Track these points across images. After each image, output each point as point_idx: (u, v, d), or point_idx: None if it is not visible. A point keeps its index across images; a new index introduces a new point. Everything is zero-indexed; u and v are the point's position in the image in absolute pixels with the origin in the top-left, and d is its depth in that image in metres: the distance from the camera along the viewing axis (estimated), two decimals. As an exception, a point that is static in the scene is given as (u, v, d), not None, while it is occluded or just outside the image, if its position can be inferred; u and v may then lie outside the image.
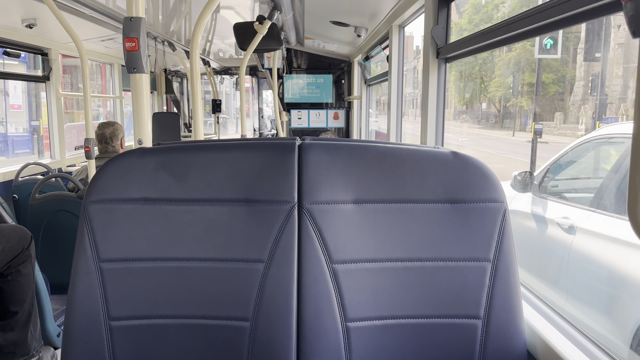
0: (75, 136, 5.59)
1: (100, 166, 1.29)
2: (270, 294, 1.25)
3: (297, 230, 1.26)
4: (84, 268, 1.24)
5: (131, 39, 1.49)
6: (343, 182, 1.27)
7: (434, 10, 2.36)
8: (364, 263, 1.26)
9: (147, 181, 1.26)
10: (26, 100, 10.24)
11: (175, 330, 1.27)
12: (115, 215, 1.25)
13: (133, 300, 1.25)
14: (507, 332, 1.27)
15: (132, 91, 1.54)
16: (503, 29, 1.69)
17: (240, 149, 1.31)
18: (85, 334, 1.25)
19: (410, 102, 16.08)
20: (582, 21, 1.28)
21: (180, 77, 9.08)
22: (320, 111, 6.46)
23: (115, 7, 3.61)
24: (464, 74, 14.30)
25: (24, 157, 9.24)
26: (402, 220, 1.27)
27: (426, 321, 1.27)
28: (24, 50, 4.46)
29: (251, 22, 3.47)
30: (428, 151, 1.30)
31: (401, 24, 3.50)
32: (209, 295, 1.26)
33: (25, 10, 3.72)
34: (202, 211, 1.26)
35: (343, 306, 1.25)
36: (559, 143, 7.19)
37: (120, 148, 3.83)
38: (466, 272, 1.27)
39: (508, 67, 11.55)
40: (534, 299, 1.55)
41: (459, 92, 14.98)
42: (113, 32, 4.51)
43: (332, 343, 1.25)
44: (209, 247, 1.26)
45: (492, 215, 1.27)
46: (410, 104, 16.34)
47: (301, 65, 6.54)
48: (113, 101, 6.64)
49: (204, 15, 2.20)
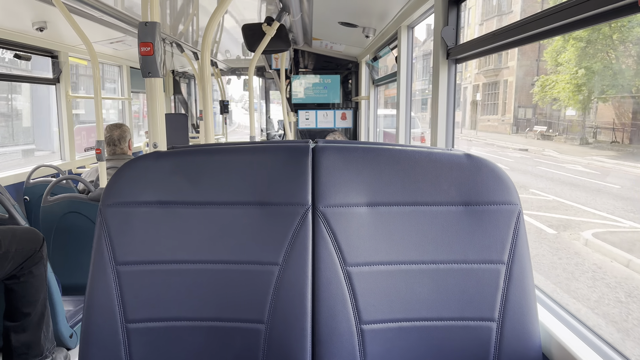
0: (85, 138, 5.61)
1: (116, 170, 1.30)
2: (285, 297, 1.25)
3: (311, 233, 1.26)
4: (101, 271, 1.25)
5: (146, 44, 1.50)
6: (357, 185, 1.27)
7: (444, 10, 2.35)
8: (378, 265, 1.26)
9: (162, 184, 1.27)
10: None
11: (190, 333, 1.27)
12: (131, 219, 1.26)
13: (149, 303, 1.26)
14: (522, 335, 1.27)
15: (147, 95, 1.55)
16: (514, 30, 1.69)
17: (254, 152, 1.31)
18: (102, 336, 1.26)
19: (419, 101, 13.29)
20: (595, 23, 1.27)
21: (188, 78, 9.10)
22: (327, 111, 6.46)
23: (125, 10, 3.63)
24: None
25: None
26: (416, 223, 1.27)
27: (441, 324, 1.27)
28: (34, 53, 4.49)
29: (259, 24, 3.48)
30: (442, 153, 1.30)
31: (410, 25, 3.50)
32: (224, 297, 1.27)
33: (36, 13, 3.74)
34: (217, 214, 1.27)
35: (357, 309, 1.25)
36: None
37: (128, 150, 3.86)
38: (480, 274, 1.27)
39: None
40: (548, 301, 1.55)
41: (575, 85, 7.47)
42: (122, 34, 4.53)
43: (347, 345, 1.25)
44: (224, 250, 1.26)
45: (507, 218, 1.27)
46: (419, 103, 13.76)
47: (308, 65, 6.54)
48: (121, 103, 6.67)
49: (214, 18, 2.20)
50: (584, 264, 5.53)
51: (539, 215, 6.88)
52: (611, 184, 7.30)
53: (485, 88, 18.78)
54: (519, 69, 15.66)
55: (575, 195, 7.22)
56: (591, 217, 6.57)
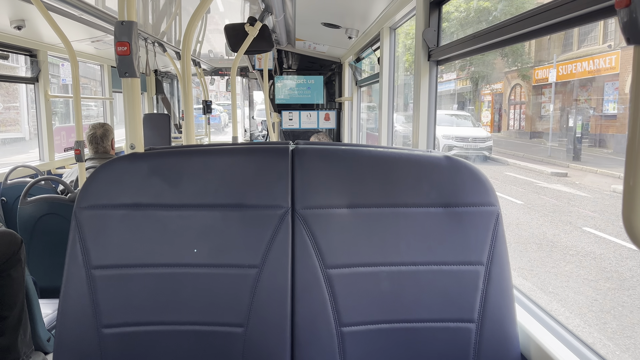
0: (64, 138, 5.53)
1: (92, 172, 1.28)
2: (264, 299, 1.24)
3: (290, 235, 1.25)
4: (75, 275, 1.23)
5: (123, 43, 1.48)
6: (337, 187, 1.26)
7: (425, 12, 2.36)
8: (358, 268, 1.26)
9: (139, 187, 1.25)
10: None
11: (168, 337, 1.26)
12: (107, 222, 1.24)
13: (125, 307, 1.24)
14: (501, 336, 1.27)
15: (124, 95, 1.53)
16: (494, 32, 1.70)
17: (233, 153, 1.30)
18: (77, 341, 1.24)
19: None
20: (575, 25, 1.28)
21: (171, 78, 9.04)
22: (311, 112, 6.45)
23: (105, 9, 3.58)
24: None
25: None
26: (396, 225, 1.27)
27: (420, 325, 1.27)
28: (12, 51, 4.42)
29: (242, 24, 3.46)
30: (421, 155, 1.30)
31: (392, 26, 3.51)
32: (202, 301, 1.25)
33: (14, 11, 3.68)
34: (195, 216, 1.25)
35: (337, 311, 1.25)
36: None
37: (110, 149, 3.82)
38: (460, 276, 1.27)
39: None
40: (527, 302, 1.56)
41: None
42: (102, 33, 4.48)
43: (327, 348, 1.24)
44: (202, 253, 1.25)
45: (486, 219, 1.28)
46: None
47: (292, 66, 6.53)
48: (103, 102, 6.59)
49: (195, 18, 2.18)
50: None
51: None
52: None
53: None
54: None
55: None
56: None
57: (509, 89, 14.22)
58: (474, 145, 10.79)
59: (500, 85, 14.36)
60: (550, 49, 12.78)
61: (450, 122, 10.90)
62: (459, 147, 10.53)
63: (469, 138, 10.82)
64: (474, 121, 11.39)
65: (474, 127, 11.31)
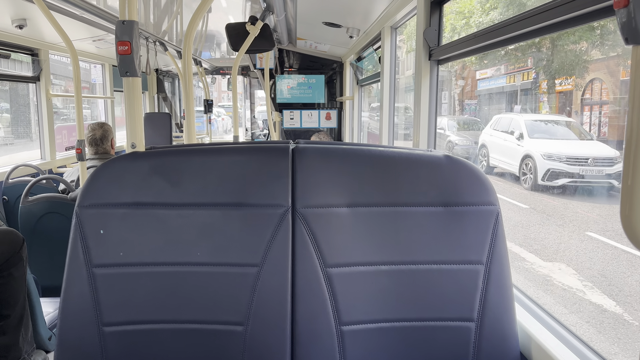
0: (65, 137, 5.54)
1: (93, 171, 1.28)
2: (264, 298, 1.25)
3: (291, 234, 1.26)
4: (76, 273, 1.24)
5: (124, 43, 1.48)
6: (337, 186, 1.27)
7: (426, 12, 2.36)
8: (358, 267, 1.26)
9: (140, 185, 1.26)
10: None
11: (169, 336, 1.26)
12: (107, 220, 1.25)
13: (126, 306, 1.25)
14: (500, 335, 1.28)
15: (125, 95, 1.53)
16: (495, 32, 1.70)
17: (233, 153, 1.30)
18: (78, 339, 1.24)
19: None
20: (574, 25, 1.29)
21: (172, 77, 9.04)
22: (312, 111, 6.45)
23: (106, 8, 3.59)
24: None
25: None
26: (396, 224, 1.27)
27: (420, 324, 1.27)
28: (14, 50, 4.42)
29: (243, 23, 3.46)
30: (421, 154, 1.30)
31: (393, 25, 3.51)
32: (202, 299, 1.26)
33: (16, 10, 3.68)
34: (195, 215, 1.26)
35: (337, 310, 1.25)
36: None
37: (110, 149, 3.82)
38: (459, 275, 1.27)
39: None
40: (527, 301, 1.56)
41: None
42: (104, 32, 4.48)
43: (327, 347, 1.25)
44: (203, 252, 1.25)
45: (485, 219, 1.28)
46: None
47: (293, 65, 6.53)
48: (104, 102, 6.60)
49: (196, 17, 2.19)
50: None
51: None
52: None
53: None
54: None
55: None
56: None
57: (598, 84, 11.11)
58: (596, 171, 6.88)
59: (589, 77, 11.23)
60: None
61: (534, 129, 7.56)
62: (572, 173, 7.03)
63: (589, 159, 6.94)
64: (581, 131, 7.20)
65: (582, 141, 7.32)
